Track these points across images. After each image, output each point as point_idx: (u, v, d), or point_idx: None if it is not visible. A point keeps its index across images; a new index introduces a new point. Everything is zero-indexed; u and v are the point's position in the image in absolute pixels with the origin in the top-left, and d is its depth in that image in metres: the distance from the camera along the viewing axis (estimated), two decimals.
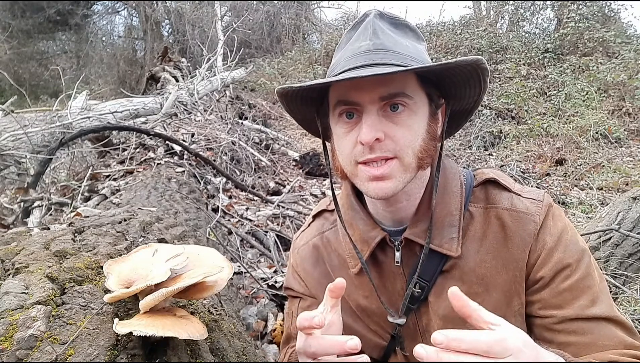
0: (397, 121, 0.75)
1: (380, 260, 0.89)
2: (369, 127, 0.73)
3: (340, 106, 0.77)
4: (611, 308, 0.78)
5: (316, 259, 0.98)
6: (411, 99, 0.75)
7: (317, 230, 1.01)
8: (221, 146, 4.62)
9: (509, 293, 0.81)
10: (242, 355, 0.99)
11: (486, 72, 0.74)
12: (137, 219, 1.42)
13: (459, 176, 0.88)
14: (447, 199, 0.84)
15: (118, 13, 14.92)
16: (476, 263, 0.82)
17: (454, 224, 0.83)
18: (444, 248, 0.82)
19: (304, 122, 0.93)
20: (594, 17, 9.60)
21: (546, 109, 7.63)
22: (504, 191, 0.86)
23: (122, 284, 0.77)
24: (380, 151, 0.74)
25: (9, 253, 0.92)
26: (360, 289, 0.90)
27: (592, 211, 4.14)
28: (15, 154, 3.19)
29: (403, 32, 0.81)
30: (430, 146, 0.79)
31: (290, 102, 0.85)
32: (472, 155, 6.57)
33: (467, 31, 10.86)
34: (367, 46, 0.76)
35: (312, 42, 14.81)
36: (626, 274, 2.10)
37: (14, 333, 0.64)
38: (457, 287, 0.59)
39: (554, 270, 0.79)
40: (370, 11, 0.82)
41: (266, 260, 2.93)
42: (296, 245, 1.05)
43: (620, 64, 8.00)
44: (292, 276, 1.03)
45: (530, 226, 0.80)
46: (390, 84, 0.73)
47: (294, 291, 1.02)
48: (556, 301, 0.78)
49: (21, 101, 6.58)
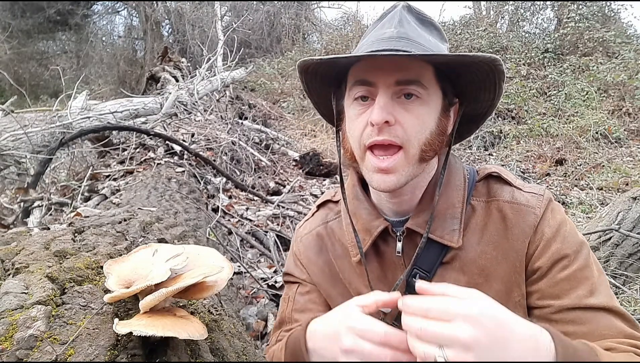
0: (409, 109, 0.76)
1: (382, 250, 0.90)
2: (381, 108, 0.74)
3: (357, 87, 0.79)
4: (610, 299, 0.77)
5: (320, 248, 0.99)
6: (425, 89, 0.76)
7: (322, 219, 1.02)
8: (221, 146, 4.62)
9: (509, 283, 0.82)
10: (242, 355, 0.99)
11: (502, 75, 0.75)
12: (137, 219, 1.42)
13: (462, 171, 0.89)
14: (450, 192, 0.85)
15: (118, 13, 14.93)
16: (477, 254, 0.83)
17: (456, 216, 0.84)
18: (445, 239, 0.83)
19: (319, 105, 0.95)
20: (594, 17, 9.60)
21: (546, 109, 7.63)
22: (505, 185, 0.87)
23: (122, 284, 0.77)
24: (389, 134, 0.75)
25: (9, 253, 0.92)
26: (362, 277, 0.91)
27: (592, 211, 4.14)
28: (15, 154, 3.19)
29: (428, 29, 0.83)
30: (437, 141, 0.80)
31: (310, 81, 0.87)
32: (472, 155, 6.57)
33: (467, 31, 10.86)
34: (391, 33, 0.78)
35: (312, 42, 14.81)
36: (626, 274, 2.10)
37: (14, 333, 0.64)
38: (453, 280, 0.59)
39: (551, 260, 0.79)
40: (399, 3, 0.83)
41: (266, 260, 2.93)
42: (299, 234, 1.05)
43: (620, 64, 8.00)
44: (294, 264, 1.03)
45: (531, 218, 0.81)
46: (408, 70, 0.74)
47: (295, 277, 1.03)
48: (554, 291, 0.79)
49: (21, 101, 6.58)
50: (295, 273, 1.02)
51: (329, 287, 0.97)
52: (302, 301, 0.99)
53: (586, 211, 4.19)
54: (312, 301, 0.98)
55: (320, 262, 0.98)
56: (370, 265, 0.90)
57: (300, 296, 1.00)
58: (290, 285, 1.05)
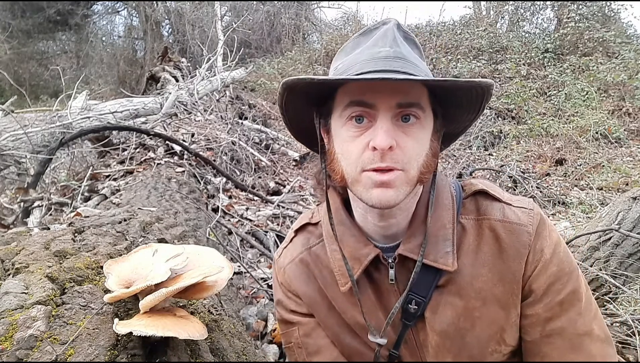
0: (408, 132, 0.74)
1: (374, 277, 0.87)
2: (386, 133, 0.71)
3: (352, 107, 0.74)
4: (592, 321, 0.81)
5: (307, 276, 0.93)
6: (423, 112, 0.75)
7: (303, 245, 0.96)
8: (221, 146, 4.62)
9: (507, 305, 0.81)
10: (242, 355, 1.00)
11: (489, 97, 0.75)
12: (137, 219, 1.42)
13: (449, 189, 0.87)
14: (439, 212, 0.83)
15: (118, 13, 14.93)
16: (472, 277, 0.81)
17: (447, 238, 0.81)
18: (440, 263, 0.80)
19: (296, 122, 0.87)
20: (594, 17, 9.61)
21: (546, 109, 7.64)
22: (494, 201, 0.85)
23: (122, 284, 0.77)
24: (391, 160, 0.72)
25: (9, 253, 0.92)
26: (356, 306, 0.87)
27: (592, 211, 4.14)
28: (15, 154, 3.19)
29: (412, 47, 0.81)
30: (432, 163, 0.78)
31: (295, 98, 0.79)
32: (472, 155, 6.57)
33: (467, 31, 10.87)
34: (387, 52, 0.75)
35: (312, 42, 14.80)
36: (626, 274, 2.10)
37: (14, 333, 0.64)
38: (449, 305, 0.58)
39: (547, 283, 0.80)
40: (390, 20, 0.81)
41: (266, 260, 2.92)
42: (281, 264, 0.97)
43: (620, 64, 8.02)
44: (286, 296, 0.97)
45: (524, 237, 0.80)
46: (409, 92, 0.73)
47: (289, 314, 0.97)
48: (547, 315, 0.80)
49: (21, 101, 6.58)
50: (290, 306, 0.96)
51: (324, 317, 0.92)
52: (312, 343, 0.94)
53: (586, 211, 4.20)
54: (321, 337, 0.94)
55: (309, 291, 0.93)
56: (364, 293, 0.86)
57: (307, 338, 0.94)
58: (287, 330, 0.98)
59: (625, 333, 1.85)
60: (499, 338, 0.82)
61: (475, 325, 0.81)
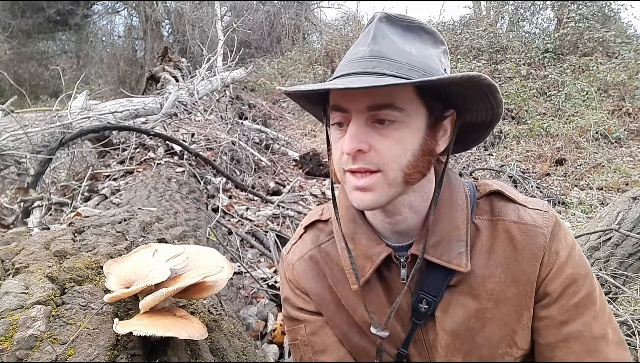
0: (384, 133, 0.72)
1: (385, 276, 0.86)
2: (351, 138, 0.71)
3: (332, 112, 0.76)
4: (606, 324, 0.80)
5: (317, 273, 0.92)
6: (402, 111, 0.71)
7: (312, 242, 0.95)
8: (221, 146, 4.63)
9: (520, 307, 0.81)
10: (242, 355, 1.00)
11: (492, 87, 0.71)
12: (137, 219, 1.42)
13: (463, 189, 0.85)
14: (454, 213, 0.82)
15: (118, 13, 14.94)
16: (485, 278, 0.81)
17: (461, 238, 0.80)
18: (453, 264, 0.79)
19: (314, 113, 0.92)
20: (594, 17, 9.60)
21: (546, 109, 7.63)
22: (509, 202, 0.84)
23: (122, 284, 0.77)
24: (363, 162, 0.72)
25: (9, 253, 0.92)
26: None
27: (592, 211, 4.14)
28: (15, 154, 3.19)
29: (416, 36, 0.77)
30: (422, 162, 0.75)
31: (298, 100, 0.86)
32: (472, 155, 6.56)
33: (467, 31, 10.87)
34: (363, 53, 0.73)
35: (312, 42, 14.82)
36: (626, 274, 2.10)
37: (14, 333, 0.64)
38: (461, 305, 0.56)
39: (563, 285, 0.79)
40: (377, 14, 0.78)
41: (266, 260, 2.92)
42: (289, 260, 0.96)
43: (620, 64, 8.01)
44: (294, 293, 0.96)
45: (540, 239, 0.79)
46: (377, 94, 0.70)
47: (296, 312, 0.96)
48: (563, 318, 0.79)
49: (21, 101, 6.59)
50: (298, 304, 0.95)
51: (333, 315, 0.92)
52: (319, 341, 0.93)
53: (586, 211, 4.20)
54: (328, 336, 0.93)
55: (319, 289, 0.92)
56: (374, 291, 0.86)
57: (313, 337, 0.94)
58: (293, 327, 0.97)
59: (625, 333, 1.85)
60: (510, 340, 0.81)
61: (487, 325, 0.81)
